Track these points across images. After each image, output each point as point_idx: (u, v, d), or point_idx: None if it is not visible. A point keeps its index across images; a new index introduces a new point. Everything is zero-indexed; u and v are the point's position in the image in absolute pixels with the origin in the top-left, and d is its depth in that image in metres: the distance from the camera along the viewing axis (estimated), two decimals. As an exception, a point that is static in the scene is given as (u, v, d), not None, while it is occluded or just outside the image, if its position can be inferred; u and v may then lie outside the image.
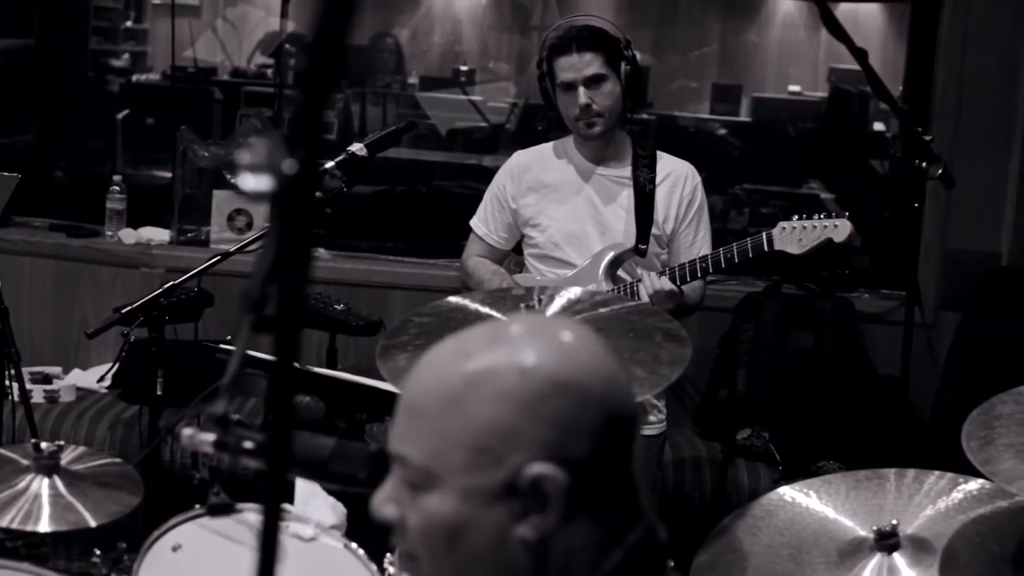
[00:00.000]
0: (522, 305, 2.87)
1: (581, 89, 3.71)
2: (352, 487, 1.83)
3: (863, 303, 5.30)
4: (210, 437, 2.03)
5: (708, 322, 4.89)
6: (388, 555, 2.70)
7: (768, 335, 4.81)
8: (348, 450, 1.82)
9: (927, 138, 3.38)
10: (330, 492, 2.96)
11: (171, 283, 3.77)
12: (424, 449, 1.45)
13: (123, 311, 3.95)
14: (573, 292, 3.03)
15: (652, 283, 3.61)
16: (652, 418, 3.90)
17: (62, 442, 2.70)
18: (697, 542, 2.78)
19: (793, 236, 3.62)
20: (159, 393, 4.32)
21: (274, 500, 1.31)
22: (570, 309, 2.97)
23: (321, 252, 5.38)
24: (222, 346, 3.77)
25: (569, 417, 1.41)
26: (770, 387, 4.85)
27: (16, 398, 4.11)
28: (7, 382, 4.07)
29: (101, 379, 5.19)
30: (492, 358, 1.44)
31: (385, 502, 1.52)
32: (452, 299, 3.09)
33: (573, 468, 1.40)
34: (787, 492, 2.74)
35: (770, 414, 4.80)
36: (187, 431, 2.07)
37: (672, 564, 2.83)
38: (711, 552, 2.78)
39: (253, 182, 1.20)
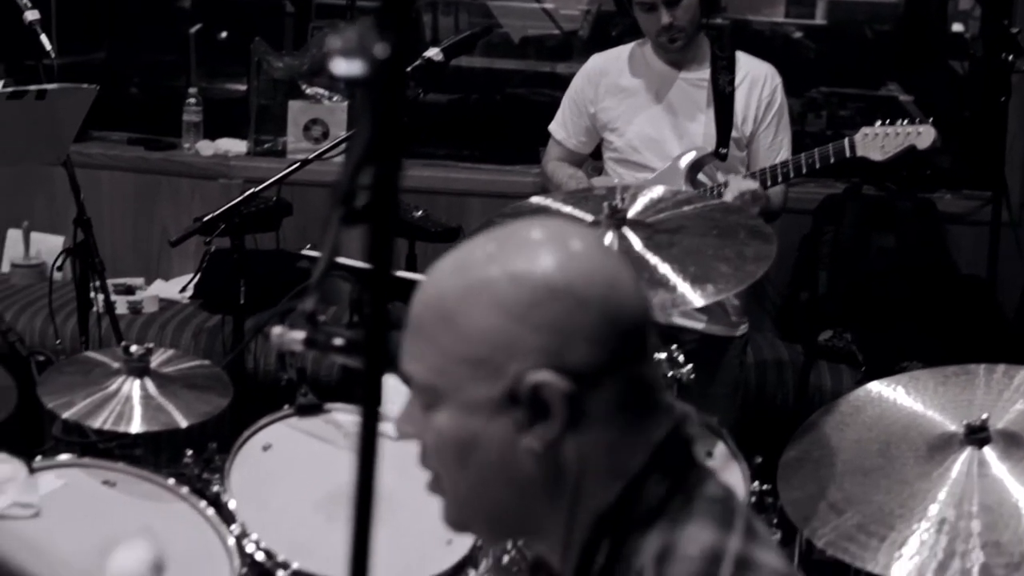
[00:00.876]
0: (605, 204, 2.84)
1: (663, 9, 3.68)
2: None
3: (945, 203, 5.23)
4: (300, 335, 2.05)
5: (788, 225, 4.83)
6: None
7: (849, 237, 4.75)
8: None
9: (1014, 31, 3.31)
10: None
11: (252, 190, 3.78)
12: (428, 366, 1.44)
13: (204, 219, 3.98)
14: (656, 191, 3.01)
15: (739, 185, 3.57)
16: (734, 319, 3.89)
17: (151, 344, 2.72)
18: (781, 442, 2.78)
19: (876, 143, 3.57)
20: (241, 302, 4.37)
21: (372, 398, 1.30)
22: (653, 208, 2.95)
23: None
24: (303, 253, 3.79)
25: (566, 323, 1.38)
26: (852, 288, 4.81)
27: (101, 309, 4.16)
28: (92, 293, 4.11)
29: (183, 289, 5.24)
30: (484, 270, 1.41)
31: (405, 422, 1.51)
32: (534, 200, 3.07)
33: (574, 374, 1.38)
34: (875, 388, 2.73)
35: (852, 316, 4.76)
36: (276, 329, 2.08)
37: (760, 460, 2.84)
38: (799, 448, 2.78)
39: (345, 67, 1.19)
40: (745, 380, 4.28)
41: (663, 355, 2.84)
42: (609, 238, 2.78)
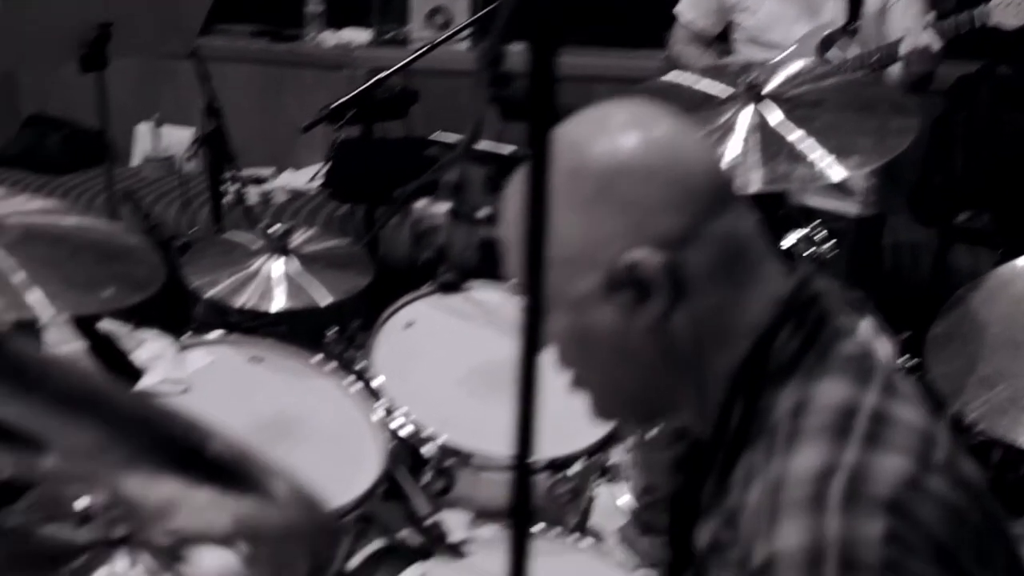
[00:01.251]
0: (741, 79, 2.78)
1: None
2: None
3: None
4: (443, 207, 2.05)
5: (921, 106, 4.73)
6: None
7: (983, 117, 4.63)
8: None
9: None
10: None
11: (380, 75, 3.77)
12: None
13: (333, 107, 3.98)
14: (793, 65, 2.94)
15: (915, 40, 3.48)
16: (870, 199, 3.83)
17: (292, 223, 2.73)
18: (920, 322, 2.73)
19: (1010, 10, 3.46)
20: (369, 190, 4.38)
21: (535, 269, 1.29)
22: (791, 82, 2.88)
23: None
24: (432, 139, 3.80)
25: (638, 197, 1.36)
26: (988, 170, 4.69)
27: (233, 198, 4.19)
28: (224, 185, 4.14)
29: (312, 179, 5.27)
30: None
31: None
32: (667, 76, 3.02)
33: (663, 244, 1.36)
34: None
35: (989, 197, 4.65)
36: (420, 202, 2.08)
37: (908, 334, 2.80)
38: (946, 323, 2.73)
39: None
40: (881, 261, 4.22)
41: (800, 232, 2.79)
42: (747, 113, 2.73)
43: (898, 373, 1.44)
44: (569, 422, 2.40)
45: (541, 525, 2.36)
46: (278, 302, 2.60)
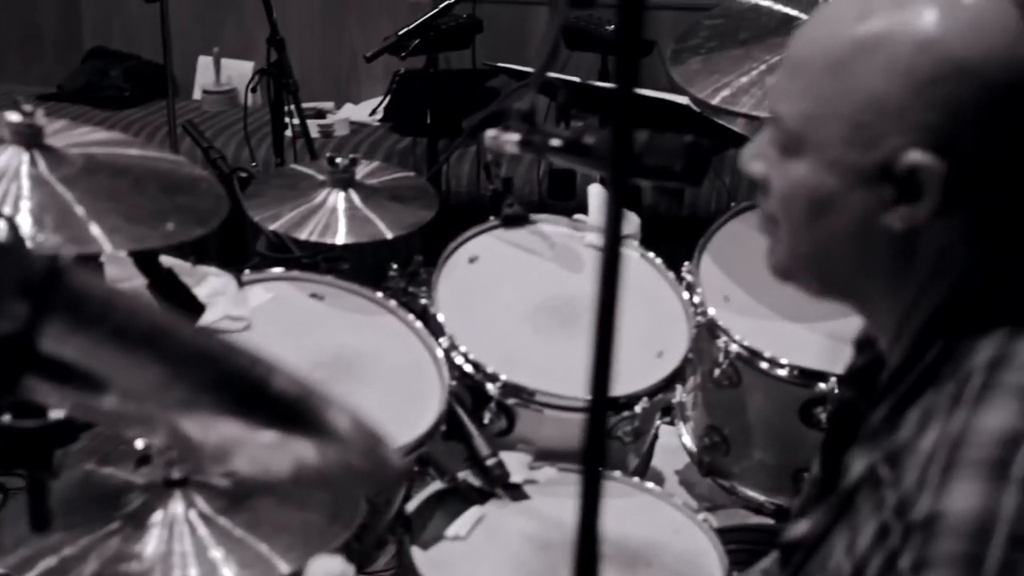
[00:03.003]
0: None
1: None
2: (667, 180, 1.75)
3: None
4: (515, 136, 1.98)
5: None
6: (686, 263, 2.65)
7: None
8: (662, 142, 1.74)
9: None
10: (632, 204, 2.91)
11: (444, 3, 3.72)
12: (799, 112, 1.35)
13: (397, 35, 3.93)
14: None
15: None
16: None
17: (357, 155, 2.68)
18: None
19: None
20: (432, 122, 4.33)
21: (615, 212, 1.24)
22: None
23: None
24: (498, 66, 3.72)
25: (963, 105, 1.27)
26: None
27: (295, 131, 4.16)
28: (287, 118, 4.11)
29: (373, 112, 5.22)
30: (890, 22, 1.30)
31: (753, 158, 1.45)
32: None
33: (957, 161, 1.28)
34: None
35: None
36: (491, 132, 2.02)
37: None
38: None
39: None
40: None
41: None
42: None
43: None
44: (631, 362, 2.36)
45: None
46: (341, 235, 2.56)
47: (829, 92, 1.33)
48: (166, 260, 2.07)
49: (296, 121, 4.10)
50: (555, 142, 1.90)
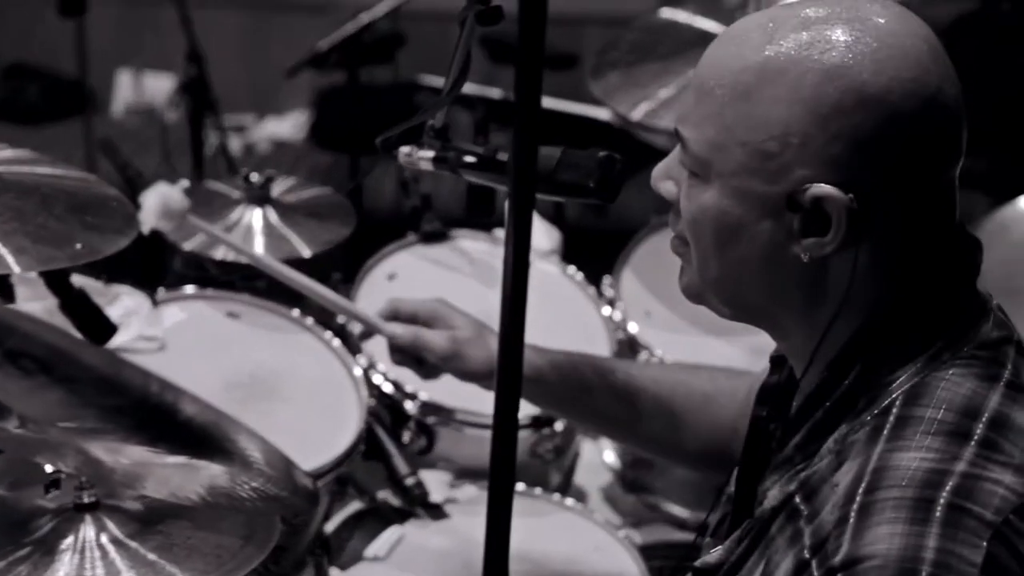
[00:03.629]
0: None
1: None
2: (581, 196, 1.75)
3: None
4: (429, 153, 1.96)
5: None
6: (606, 277, 2.65)
7: (984, 56, 4.55)
8: (576, 158, 1.73)
9: None
10: (545, 215, 2.91)
11: (367, 20, 3.69)
12: (705, 138, 1.34)
13: (318, 51, 3.90)
14: None
15: None
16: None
17: (273, 172, 2.65)
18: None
19: None
20: (354, 138, 4.30)
21: (523, 221, 1.23)
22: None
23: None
24: (420, 83, 3.72)
25: (871, 138, 1.26)
26: (987, 111, 4.62)
27: (214, 148, 4.13)
28: (204, 128, 4.07)
29: (296, 127, 5.20)
30: (796, 48, 1.28)
31: (663, 178, 1.44)
32: (665, 12, 2.94)
33: (863, 193, 1.27)
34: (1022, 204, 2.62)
35: (987, 139, 4.58)
36: (405, 149, 2.00)
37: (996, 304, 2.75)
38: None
39: None
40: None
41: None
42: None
43: None
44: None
45: (522, 485, 2.30)
46: (258, 254, 2.52)
47: (734, 120, 1.31)
48: (78, 280, 2.04)
49: (213, 140, 4.06)
50: (469, 159, 1.88)
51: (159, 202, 2.22)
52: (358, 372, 2.36)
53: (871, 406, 1.30)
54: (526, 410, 2.13)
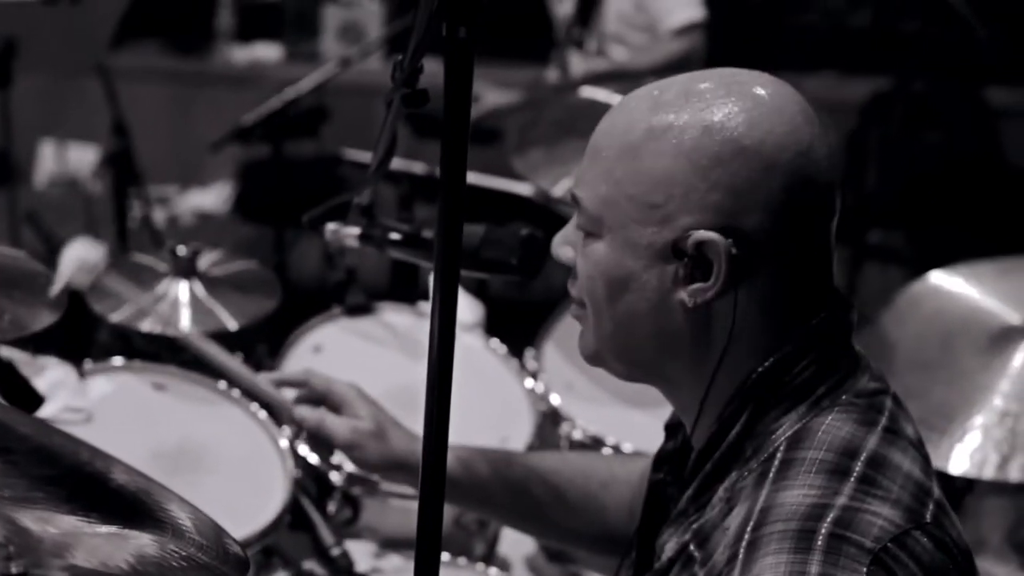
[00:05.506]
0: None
1: None
2: (504, 273, 1.80)
3: (997, 96, 5.11)
4: (355, 230, 2.00)
5: (833, 122, 4.75)
6: (529, 350, 2.69)
7: (897, 134, 4.66)
8: (499, 235, 1.78)
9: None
10: (469, 289, 2.94)
11: (293, 96, 3.73)
12: (598, 195, 1.42)
13: (242, 126, 3.93)
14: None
15: None
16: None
17: (200, 244, 2.67)
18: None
19: None
20: (279, 211, 4.33)
21: (448, 293, 1.27)
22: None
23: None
24: (344, 157, 3.75)
25: (747, 186, 1.34)
26: (901, 188, 4.73)
27: (138, 221, 4.14)
28: (128, 200, 4.08)
29: (220, 200, 5.22)
30: (678, 111, 1.37)
31: (562, 244, 1.52)
32: (585, 91, 3.01)
33: (744, 239, 1.35)
34: (934, 280, 2.68)
35: (901, 215, 4.69)
36: (330, 225, 2.04)
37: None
38: (857, 342, 2.72)
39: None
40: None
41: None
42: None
43: (904, 414, 1.43)
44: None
45: (447, 555, 2.32)
46: (184, 326, 2.54)
47: (622, 175, 1.39)
48: (4, 351, 2.05)
49: (140, 208, 4.08)
50: (394, 236, 1.93)
51: (77, 256, 2.24)
52: (284, 444, 2.38)
53: (758, 453, 1.37)
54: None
